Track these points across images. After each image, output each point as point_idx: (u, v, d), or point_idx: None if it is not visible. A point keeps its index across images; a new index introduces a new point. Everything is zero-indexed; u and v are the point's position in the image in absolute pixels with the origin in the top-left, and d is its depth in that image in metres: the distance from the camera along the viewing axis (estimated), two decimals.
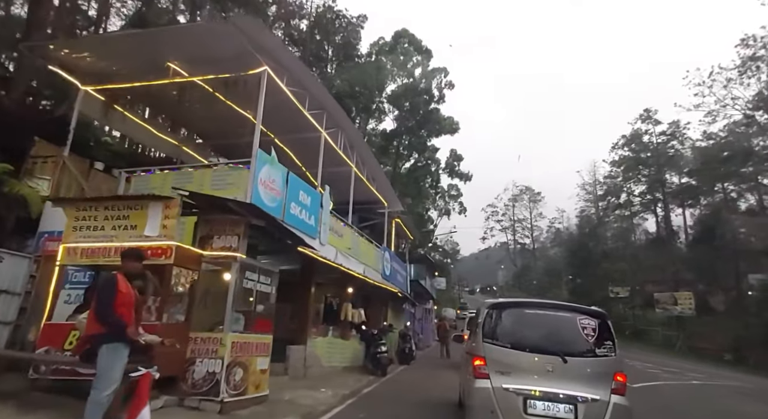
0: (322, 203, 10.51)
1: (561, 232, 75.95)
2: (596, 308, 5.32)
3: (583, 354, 4.85)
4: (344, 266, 10.99)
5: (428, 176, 40.01)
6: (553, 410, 4.60)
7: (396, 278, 15.81)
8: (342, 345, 11.64)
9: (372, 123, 40.60)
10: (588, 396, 4.58)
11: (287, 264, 11.61)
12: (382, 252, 14.61)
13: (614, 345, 4.91)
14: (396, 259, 16.54)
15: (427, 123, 37.60)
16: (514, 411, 4.63)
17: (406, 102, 38.66)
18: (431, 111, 38.58)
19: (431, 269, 32.15)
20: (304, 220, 9.57)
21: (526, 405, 4.64)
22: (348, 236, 12.02)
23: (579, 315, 5.06)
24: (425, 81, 38.08)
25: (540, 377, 4.73)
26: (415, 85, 37.95)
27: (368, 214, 16.44)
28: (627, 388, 4.80)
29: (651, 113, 45.44)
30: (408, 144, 40.42)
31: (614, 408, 4.55)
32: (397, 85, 39.95)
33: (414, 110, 38.33)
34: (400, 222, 16.71)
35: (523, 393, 4.67)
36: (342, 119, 11.83)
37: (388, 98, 38.87)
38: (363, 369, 12.22)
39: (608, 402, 4.57)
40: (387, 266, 14.88)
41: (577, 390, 4.61)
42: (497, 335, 5.13)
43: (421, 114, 38.47)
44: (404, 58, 38.90)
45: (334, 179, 13.10)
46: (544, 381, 4.69)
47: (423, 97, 38.92)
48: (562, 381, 4.67)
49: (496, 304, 5.55)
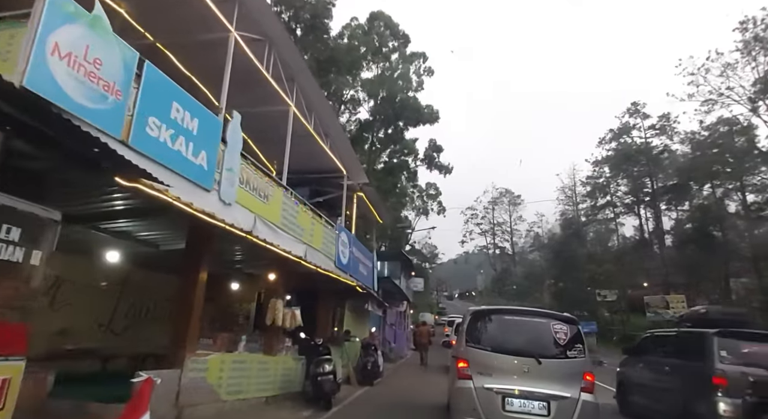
0: (225, 138, 6.45)
1: (540, 237, 73.41)
2: (568, 315, 5.73)
3: (556, 356, 5.23)
4: (267, 242, 6.93)
5: (405, 172, 36.17)
6: (528, 407, 4.95)
7: (357, 269, 11.79)
8: (263, 363, 7.49)
9: (345, 115, 36.70)
10: (560, 393, 4.95)
11: (168, 237, 7.47)
12: (337, 233, 10.54)
13: (584, 348, 5.30)
14: (358, 245, 12.48)
15: (404, 111, 33.87)
16: (493, 409, 4.98)
17: (382, 90, 34.97)
18: (409, 99, 34.95)
19: (408, 268, 28.09)
20: (183, 154, 5.47)
21: (505, 403, 4.99)
22: (278, 201, 7.93)
23: (553, 321, 5.47)
24: (402, 66, 34.44)
25: (517, 377, 5.09)
26: (391, 70, 34.28)
27: (322, 186, 12.40)
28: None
29: (639, 106, 42.69)
30: (384, 136, 36.65)
31: (583, 404, 4.94)
32: (373, 74, 36.34)
33: (390, 97, 34.60)
34: (364, 197, 12.67)
35: (502, 391, 5.02)
36: (270, 22, 7.82)
37: (362, 85, 35.09)
38: (299, 399, 8.12)
39: (578, 399, 4.95)
40: (344, 252, 10.84)
41: (551, 388, 4.98)
42: (479, 339, 5.50)
43: (398, 102, 34.79)
44: (379, 41, 35.22)
45: (264, 124, 9.07)
46: (521, 381, 5.05)
47: (399, 84, 35.33)
48: (537, 380, 5.03)
49: (478, 311, 6.03)
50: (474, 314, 5.86)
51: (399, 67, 35.64)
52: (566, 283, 49.38)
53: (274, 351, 7.79)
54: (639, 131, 43.70)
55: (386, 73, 35.66)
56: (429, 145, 35.48)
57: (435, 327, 40.04)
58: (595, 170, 50.88)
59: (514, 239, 76.90)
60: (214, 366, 6.12)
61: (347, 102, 36.07)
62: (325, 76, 29.69)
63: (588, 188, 52.46)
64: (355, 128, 35.72)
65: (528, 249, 76.86)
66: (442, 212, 49.77)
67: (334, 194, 12.20)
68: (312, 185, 12.35)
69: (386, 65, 35.53)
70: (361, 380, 10.88)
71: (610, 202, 48.83)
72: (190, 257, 6.21)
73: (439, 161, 35.40)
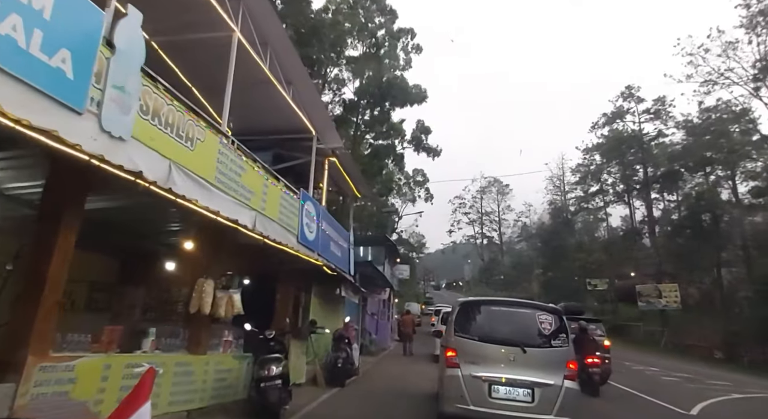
0: (113, 41, 4.34)
1: (528, 227, 72.25)
2: (553, 305, 6.08)
3: (540, 346, 5.36)
4: (186, 199, 4.90)
5: (392, 155, 34.10)
6: (514, 394, 5.05)
7: (328, 248, 9.79)
8: (184, 365, 5.47)
9: (329, 95, 34.35)
10: (544, 381, 5.05)
11: None
12: (300, 202, 8.49)
13: (568, 337, 5.40)
14: (330, 221, 10.45)
15: (391, 90, 31.69)
16: (480, 396, 5.08)
17: (368, 69, 32.72)
18: (396, 78, 32.78)
19: (393, 254, 26.16)
20: (17, 44, 3.39)
21: (491, 390, 5.09)
22: (212, 149, 5.85)
23: (538, 311, 5.61)
24: (389, 42, 32.20)
25: (503, 365, 5.19)
26: (377, 46, 32.02)
27: (288, 150, 10.29)
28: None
29: (633, 89, 41.02)
30: (370, 118, 34.40)
31: (566, 391, 5.03)
32: (359, 53, 34.03)
33: (376, 77, 32.34)
34: (338, 165, 10.58)
35: (489, 379, 5.12)
36: None
37: (347, 63, 32.81)
38: (241, 410, 6.13)
39: (561, 387, 5.04)
40: (310, 225, 8.80)
41: (535, 376, 5.08)
42: (467, 329, 5.59)
43: (384, 82, 32.55)
44: (365, 16, 32.87)
45: (213, 69, 7.00)
46: (507, 369, 5.15)
47: (386, 62, 33.14)
48: (522, 369, 5.14)
49: (466, 302, 6.23)
50: (462, 305, 6.02)
51: (386, 45, 33.36)
52: (555, 272, 48.20)
53: (201, 349, 5.75)
54: (633, 115, 42.15)
55: (372, 50, 33.38)
56: (417, 126, 33.40)
57: (421, 316, 38.52)
58: (585, 157, 49.43)
59: (502, 229, 75.65)
60: (87, 375, 4.06)
61: (331, 82, 33.82)
62: (307, 51, 27.38)
63: (578, 176, 51.02)
64: (339, 108, 33.51)
65: (515, 239, 75.78)
66: (429, 199, 47.98)
67: (302, 159, 10.12)
68: (275, 148, 10.26)
69: (372, 41, 33.21)
70: (329, 380, 8.93)
71: (600, 190, 47.37)
72: (47, 212, 4.12)
73: (427, 143, 33.39)
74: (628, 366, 18.36)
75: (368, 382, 10.30)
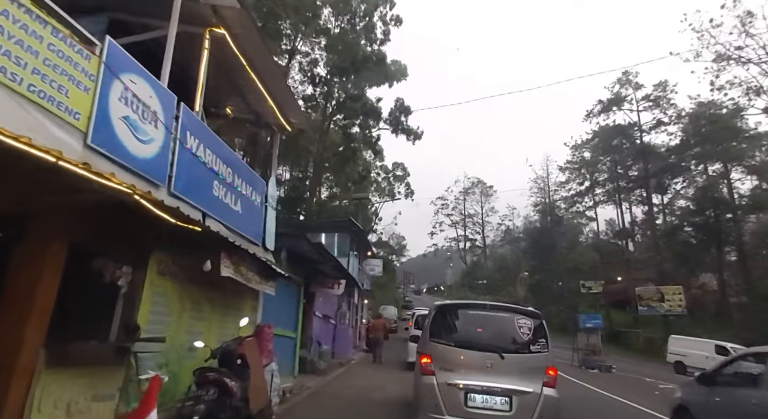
0: None
1: (511, 230, 68.47)
2: (532, 309, 5.47)
3: (519, 351, 4.93)
4: None
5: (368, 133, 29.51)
6: (491, 402, 4.68)
7: (203, 187, 5.17)
8: None
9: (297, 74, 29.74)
10: (522, 389, 4.66)
11: None
12: (111, 71, 3.82)
13: (547, 342, 5.01)
14: (218, 146, 5.80)
15: (366, 63, 27.27)
16: (456, 404, 4.70)
17: (340, 44, 28.29)
18: (372, 51, 28.43)
19: (362, 245, 21.45)
20: None
21: (467, 399, 4.71)
22: None
23: (517, 315, 5.16)
24: (366, 7, 27.85)
25: (480, 372, 4.80)
26: (351, 11, 27.64)
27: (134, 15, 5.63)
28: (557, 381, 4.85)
29: (631, 75, 37.33)
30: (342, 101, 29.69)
31: (545, 399, 4.64)
32: (333, 25, 29.59)
33: (349, 49, 27.88)
34: (230, 41, 5.79)
35: (465, 387, 4.73)
36: None
37: (317, 32, 28.33)
38: None
39: (540, 394, 4.65)
40: (146, 130, 4.11)
41: (513, 383, 4.69)
42: (442, 334, 5.20)
43: (360, 56, 28.10)
44: None
45: None
46: (484, 376, 4.77)
47: (363, 38, 28.80)
48: (499, 375, 4.75)
49: (442, 305, 5.67)
50: (438, 308, 5.61)
51: (360, 15, 28.95)
52: (543, 275, 44.19)
53: None
54: (630, 103, 38.36)
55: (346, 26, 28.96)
56: (395, 105, 28.90)
57: (398, 322, 33.84)
58: (575, 154, 45.74)
59: (485, 231, 71.64)
60: None
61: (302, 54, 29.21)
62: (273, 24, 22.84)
63: (566, 174, 47.24)
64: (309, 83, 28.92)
65: (499, 243, 71.98)
66: (410, 195, 43.72)
67: (160, 31, 5.45)
68: (113, 10, 5.58)
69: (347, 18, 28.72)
70: None
71: (591, 186, 43.51)
72: None
73: (406, 125, 28.92)
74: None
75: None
